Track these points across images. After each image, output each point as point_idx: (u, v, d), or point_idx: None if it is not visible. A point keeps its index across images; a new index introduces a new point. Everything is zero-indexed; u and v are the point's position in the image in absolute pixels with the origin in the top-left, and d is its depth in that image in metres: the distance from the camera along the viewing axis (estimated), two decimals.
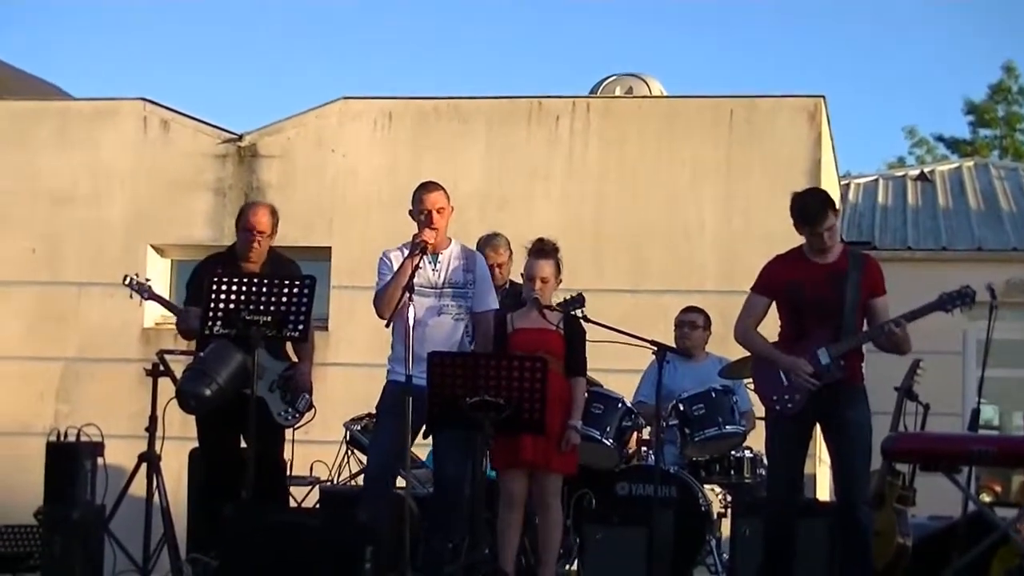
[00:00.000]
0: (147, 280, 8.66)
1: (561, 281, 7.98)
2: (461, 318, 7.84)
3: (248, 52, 52.20)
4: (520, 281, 8.29)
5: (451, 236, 8.00)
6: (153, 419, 7.85)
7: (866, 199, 17.40)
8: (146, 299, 8.64)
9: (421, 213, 7.78)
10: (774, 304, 7.63)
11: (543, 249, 7.92)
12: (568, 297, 7.96)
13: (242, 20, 50.69)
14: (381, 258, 7.90)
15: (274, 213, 8.49)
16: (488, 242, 8.79)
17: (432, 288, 7.79)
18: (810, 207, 7.52)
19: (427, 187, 7.87)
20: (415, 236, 7.71)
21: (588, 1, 48.83)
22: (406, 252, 7.67)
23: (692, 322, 9.50)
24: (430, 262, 7.80)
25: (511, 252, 9.01)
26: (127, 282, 8.50)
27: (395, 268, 7.68)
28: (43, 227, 13.52)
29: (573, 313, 7.93)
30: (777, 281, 7.57)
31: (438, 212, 7.76)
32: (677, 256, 12.70)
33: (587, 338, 7.93)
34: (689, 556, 8.56)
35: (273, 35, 52.65)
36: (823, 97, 12.91)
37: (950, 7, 46.99)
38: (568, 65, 46.89)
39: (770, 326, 7.68)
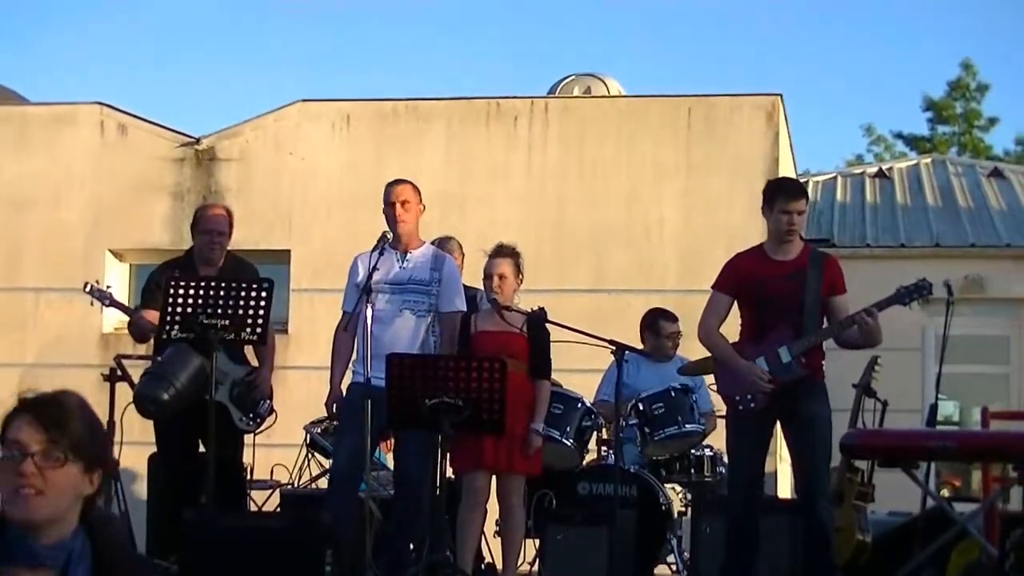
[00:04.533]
0: (108, 287, 8.61)
1: (522, 282, 7.99)
2: (424, 315, 7.86)
3: (205, 55, 51.98)
4: (472, 285, 8.31)
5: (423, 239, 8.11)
6: (111, 424, 7.80)
7: (825, 197, 17.45)
8: (107, 306, 8.58)
9: (388, 206, 7.85)
10: (736, 302, 7.66)
11: (501, 250, 7.95)
12: (531, 310, 7.95)
13: (198, 24, 50.52)
14: (352, 263, 7.99)
15: (231, 215, 8.48)
16: (441, 246, 8.80)
17: (397, 284, 7.83)
18: (787, 183, 7.76)
19: (394, 182, 8.01)
20: (384, 232, 7.80)
21: (545, 1, 48.88)
22: (375, 256, 7.70)
23: (679, 331, 9.50)
24: (398, 260, 7.86)
25: (463, 255, 9.01)
26: (88, 289, 8.43)
27: (361, 274, 7.78)
28: (1, 232, 13.44)
29: (535, 317, 7.92)
30: (739, 278, 7.59)
31: (402, 205, 7.84)
32: (638, 255, 12.72)
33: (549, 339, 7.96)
34: (651, 555, 8.57)
35: (229, 38, 52.50)
36: (780, 95, 12.97)
37: (908, 4, 47.22)
38: (526, 65, 46.94)
39: (732, 324, 7.70)
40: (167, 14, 49.28)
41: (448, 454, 7.61)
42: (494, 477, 7.85)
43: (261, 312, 7.61)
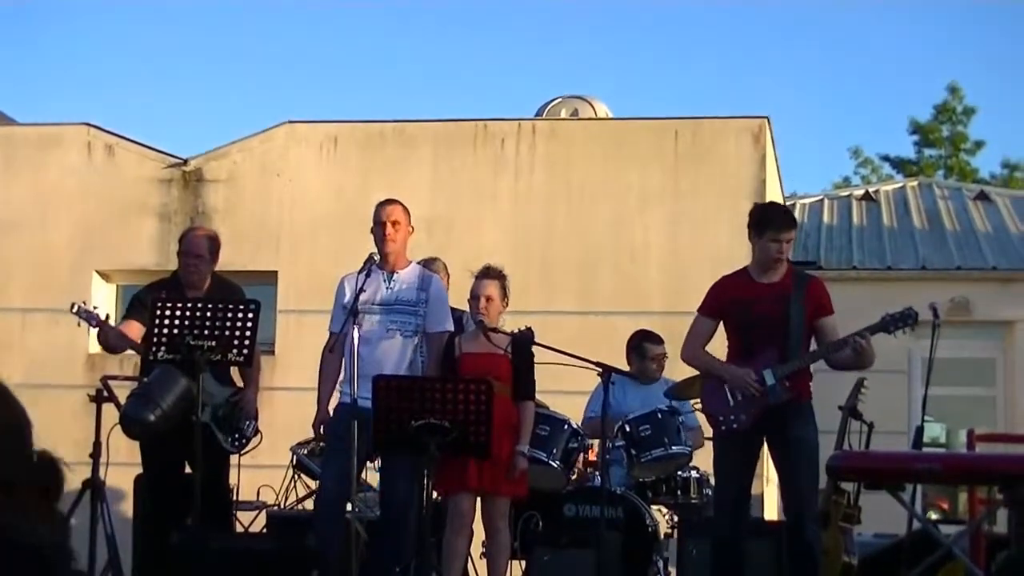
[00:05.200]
0: (95, 307, 8.60)
1: (507, 304, 7.99)
2: (411, 335, 7.86)
3: (192, 77, 51.99)
4: (458, 307, 8.31)
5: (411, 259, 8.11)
6: (97, 445, 7.78)
7: (812, 219, 17.49)
8: (94, 326, 8.56)
9: (378, 225, 7.85)
10: (721, 326, 7.67)
11: (488, 271, 7.95)
12: (517, 330, 7.95)
13: (185, 45, 50.53)
14: (339, 284, 7.97)
15: (212, 238, 8.48)
16: (427, 267, 8.81)
17: (384, 305, 7.82)
18: (777, 212, 7.69)
19: (386, 201, 8.00)
20: (371, 254, 7.79)
21: (533, 23, 49.00)
22: (362, 278, 7.70)
23: (665, 353, 9.49)
24: (385, 280, 7.85)
25: (449, 276, 9.02)
26: (75, 310, 8.39)
27: (348, 295, 7.77)
28: None
29: (521, 338, 7.92)
30: (724, 301, 7.60)
31: (393, 225, 7.84)
32: (624, 277, 12.71)
33: (535, 361, 7.95)
34: None
35: (216, 60, 52.51)
36: (767, 118, 12.98)
37: (895, 28, 47.36)
38: (513, 87, 47.00)
39: (718, 349, 7.71)
40: (154, 35, 49.32)
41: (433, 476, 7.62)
42: (479, 499, 7.85)
43: (247, 333, 7.60)
